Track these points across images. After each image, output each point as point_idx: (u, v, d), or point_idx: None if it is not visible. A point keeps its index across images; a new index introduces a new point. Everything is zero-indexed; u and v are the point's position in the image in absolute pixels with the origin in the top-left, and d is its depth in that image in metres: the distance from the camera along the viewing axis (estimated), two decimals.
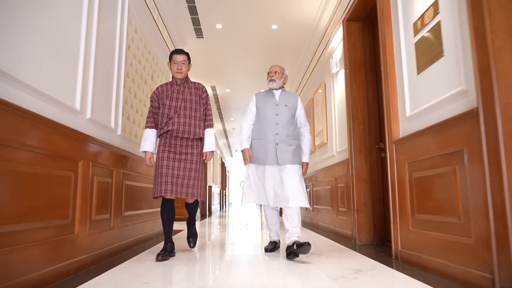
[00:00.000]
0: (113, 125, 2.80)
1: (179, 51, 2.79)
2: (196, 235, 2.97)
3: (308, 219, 5.87)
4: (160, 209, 2.75)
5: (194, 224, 3.01)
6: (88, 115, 2.35)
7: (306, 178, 5.79)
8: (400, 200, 2.50)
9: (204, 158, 2.76)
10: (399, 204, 2.51)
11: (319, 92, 5.18)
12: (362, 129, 3.67)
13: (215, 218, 8.27)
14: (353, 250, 3.05)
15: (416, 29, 2.35)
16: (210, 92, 8.16)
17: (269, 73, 3.00)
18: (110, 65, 2.80)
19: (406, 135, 2.44)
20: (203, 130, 2.78)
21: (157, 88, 2.84)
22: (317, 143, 5.34)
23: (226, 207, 17.81)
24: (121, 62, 3.01)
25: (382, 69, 2.79)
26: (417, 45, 2.34)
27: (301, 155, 2.93)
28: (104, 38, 2.65)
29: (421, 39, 2.29)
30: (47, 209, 1.85)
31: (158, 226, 4.02)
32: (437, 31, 2.11)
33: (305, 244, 2.43)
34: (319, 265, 2.37)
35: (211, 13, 4.77)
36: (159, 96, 2.77)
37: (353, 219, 3.58)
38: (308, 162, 2.99)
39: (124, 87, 3.10)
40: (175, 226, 3.23)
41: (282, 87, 3.05)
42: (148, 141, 2.75)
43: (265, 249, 3.01)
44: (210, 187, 10.10)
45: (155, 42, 4.23)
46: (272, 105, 2.95)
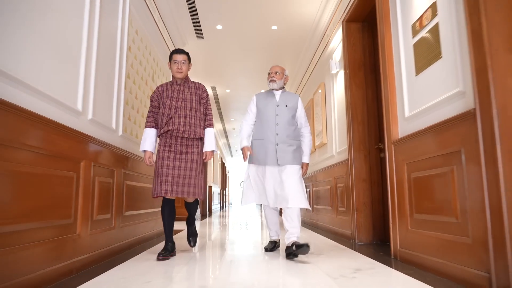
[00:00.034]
0: (114, 125, 2.82)
1: (179, 51, 2.79)
2: (196, 234, 2.98)
3: (308, 219, 5.89)
4: (160, 209, 2.77)
5: (193, 223, 3.02)
6: (89, 116, 2.38)
7: (306, 178, 5.81)
8: (399, 200, 2.52)
9: (204, 158, 2.78)
10: (398, 204, 2.53)
11: (319, 92, 5.20)
12: (362, 129, 3.69)
13: (215, 218, 8.29)
14: (352, 249, 3.07)
15: (414, 30, 2.37)
16: (210, 92, 8.18)
17: (269, 73, 3.00)
18: (111, 66, 2.82)
19: (404, 136, 2.46)
20: (203, 130, 2.79)
21: (157, 87, 2.84)
22: (317, 143, 5.37)
23: (226, 207, 17.84)
24: (122, 63, 3.03)
25: (381, 70, 2.81)
26: (415, 46, 2.36)
27: (301, 156, 2.93)
28: (105, 39, 2.67)
29: (419, 41, 2.31)
30: (50, 209, 1.87)
31: (158, 226, 4.04)
32: (435, 33, 2.13)
33: (304, 245, 2.44)
34: (319, 264, 2.39)
35: (212, 14, 4.79)
36: (159, 95, 2.78)
37: (352, 219, 3.61)
38: (308, 163, 2.98)
39: (125, 88, 3.12)
40: (176, 225, 3.25)
41: (283, 88, 3.05)
42: (147, 140, 2.76)
43: (265, 248, 3.03)
44: (210, 187, 10.12)
45: (156, 42, 4.26)
46: (272, 105, 2.95)
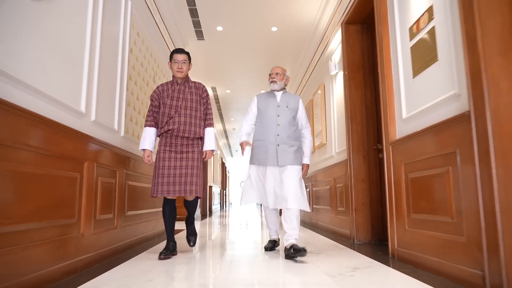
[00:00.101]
0: (116, 126, 2.86)
1: (180, 50, 2.81)
2: (195, 234, 2.97)
3: (307, 219, 5.94)
4: (161, 208, 2.80)
5: (193, 222, 3.01)
6: (92, 118, 2.42)
7: (306, 178, 5.85)
8: (396, 200, 2.56)
9: (204, 157, 2.80)
10: (396, 204, 2.57)
11: (319, 93, 5.24)
12: (361, 130, 3.73)
13: (216, 218, 8.33)
14: (351, 249, 3.11)
15: (412, 33, 2.42)
16: (211, 92, 8.23)
17: (270, 74, 3.02)
18: (114, 68, 2.86)
19: (402, 137, 2.50)
20: (203, 130, 2.81)
21: (157, 87, 2.85)
22: (316, 144, 5.41)
23: (226, 207, 17.88)
24: (124, 65, 3.07)
25: (379, 71, 2.85)
26: (412, 49, 2.40)
27: (302, 157, 2.93)
28: (107, 41, 2.71)
29: (416, 43, 2.35)
30: (54, 209, 1.91)
31: (159, 225, 4.08)
32: (431, 36, 2.17)
33: (301, 250, 2.48)
34: (318, 263, 2.43)
35: (212, 15, 4.84)
36: (160, 95, 2.79)
37: (351, 219, 3.65)
38: (308, 164, 2.99)
39: (127, 90, 3.16)
40: (177, 225, 3.28)
41: (284, 89, 3.07)
42: (147, 139, 2.77)
43: (265, 248, 3.07)
44: (210, 187, 10.16)
45: (157, 44, 4.30)
46: (273, 106, 2.97)
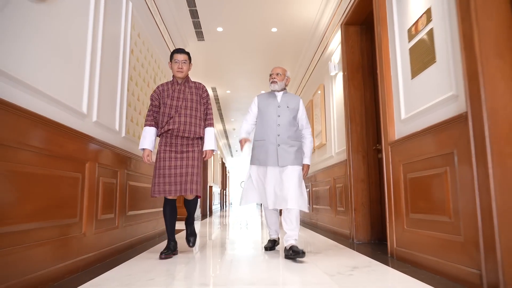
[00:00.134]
0: (117, 127, 2.89)
1: (180, 50, 2.82)
2: (195, 234, 2.94)
3: (307, 219, 5.96)
4: (162, 208, 2.82)
5: (192, 223, 2.99)
6: (94, 118, 2.44)
7: (306, 178, 5.87)
8: (395, 200, 2.59)
9: (204, 156, 2.82)
10: (395, 203, 2.59)
11: (318, 93, 5.26)
12: (360, 130, 3.75)
13: (216, 218, 8.36)
14: (350, 248, 3.13)
15: (410, 35, 2.44)
16: (211, 93, 8.25)
17: (271, 75, 3.03)
18: (115, 69, 2.88)
19: (401, 137, 2.52)
20: (204, 129, 2.83)
21: (157, 87, 2.86)
22: (316, 144, 5.43)
23: (226, 207, 17.90)
24: (125, 65, 3.09)
25: (378, 72, 2.87)
26: (411, 50, 2.43)
27: (302, 157, 2.94)
28: (109, 42, 2.73)
29: (415, 45, 2.38)
30: (57, 208, 1.94)
31: (160, 225, 4.11)
32: (430, 38, 2.19)
33: (300, 252, 2.50)
34: (317, 263, 2.45)
35: (212, 16, 4.86)
36: (160, 95, 2.80)
37: (351, 219, 3.67)
38: (309, 164, 3.00)
39: (127, 90, 3.18)
40: (177, 225, 3.30)
41: (284, 89, 3.07)
42: (147, 138, 2.77)
43: (264, 247, 3.09)
44: (210, 187, 10.17)
45: (157, 45, 4.32)
46: (274, 106, 2.97)
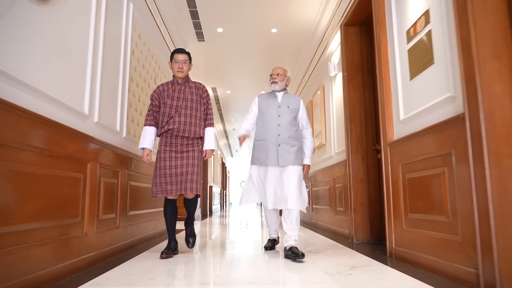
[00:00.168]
0: (118, 128, 2.91)
1: (181, 50, 2.83)
2: (194, 235, 2.91)
3: (307, 219, 5.98)
4: (163, 208, 2.85)
5: (192, 223, 2.97)
6: (95, 119, 2.46)
7: (306, 178, 5.88)
8: (394, 200, 2.61)
9: (204, 156, 2.83)
10: (393, 203, 2.61)
11: (318, 94, 5.28)
12: (359, 131, 3.78)
13: (216, 218, 8.38)
14: (350, 248, 3.15)
15: (409, 36, 2.46)
16: (211, 93, 8.27)
17: (271, 75, 3.04)
18: (116, 70, 2.91)
19: (399, 138, 2.54)
20: (204, 129, 2.84)
21: (157, 87, 2.87)
22: (316, 144, 5.44)
23: (227, 207, 17.92)
24: (126, 66, 3.11)
25: (378, 73, 2.89)
26: (410, 51, 2.45)
27: (302, 157, 2.94)
28: (110, 43, 2.75)
29: (413, 46, 2.40)
30: (59, 208, 1.96)
31: (160, 225, 4.13)
32: (428, 39, 2.21)
33: (299, 255, 2.51)
34: (317, 262, 2.47)
35: (212, 17, 4.88)
36: (160, 95, 2.81)
37: (350, 219, 3.69)
38: (309, 165, 3.00)
39: (128, 91, 3.20)
40: (177, 225, 3.32)
41: (285, 89, 3.08)
42: (147, 138, 2.78)
43: (264, 247, 3.11)
44: (210, 187, 10.19)
45: (158, 46, 4.34)
46: (274, 106, 2.98)
